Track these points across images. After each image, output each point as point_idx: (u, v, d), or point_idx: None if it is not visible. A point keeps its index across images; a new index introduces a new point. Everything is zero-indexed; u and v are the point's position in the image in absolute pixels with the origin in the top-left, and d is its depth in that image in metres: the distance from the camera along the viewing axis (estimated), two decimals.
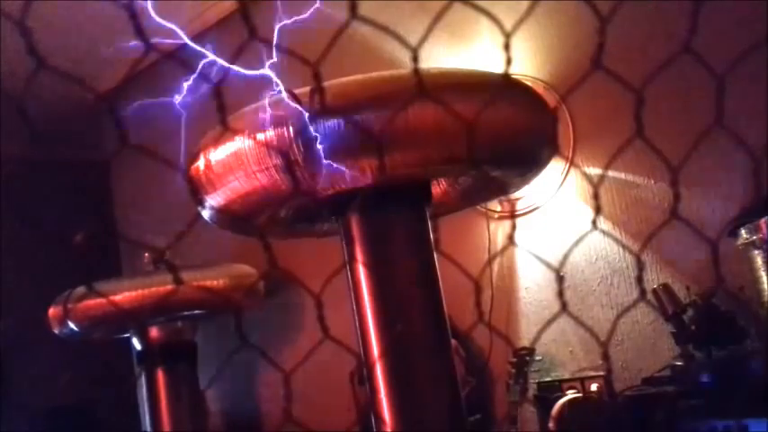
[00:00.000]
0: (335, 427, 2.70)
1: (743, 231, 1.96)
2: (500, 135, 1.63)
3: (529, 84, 2.13)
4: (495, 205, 2.69)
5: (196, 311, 3.11)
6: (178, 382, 3.18)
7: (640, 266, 2.06)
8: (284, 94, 1.57)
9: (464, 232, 2.74)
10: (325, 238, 2.11)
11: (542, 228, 2.58)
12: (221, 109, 0.72)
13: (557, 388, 2.48)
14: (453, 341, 1.94)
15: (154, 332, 3.18)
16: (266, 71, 1.58)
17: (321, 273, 0.92)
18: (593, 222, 2.23)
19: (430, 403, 1.69)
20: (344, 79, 1.59)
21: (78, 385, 3.79)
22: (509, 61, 0.78)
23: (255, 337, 3.29)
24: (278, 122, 1.54)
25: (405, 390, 1.68)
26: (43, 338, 3.28)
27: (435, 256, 1.76)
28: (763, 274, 1.95)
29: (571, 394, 2.42)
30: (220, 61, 1.57)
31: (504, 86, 1.67)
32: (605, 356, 2.47)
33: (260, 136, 1.55)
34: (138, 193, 4.29)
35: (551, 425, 2.32)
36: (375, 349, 1.69)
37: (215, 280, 3.01)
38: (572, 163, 2.51)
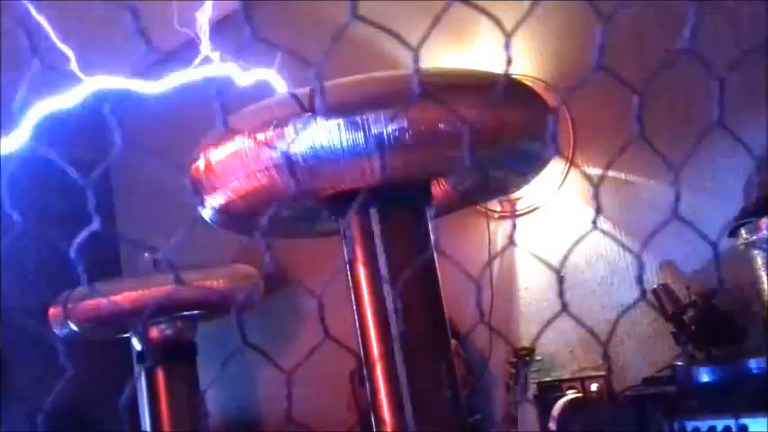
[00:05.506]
0: (335, 427, 2.70)
1: (743, 231, 1.97)
2: (500, 135, 1.63)
3: (529, 84, 2.13)
4: (495, 205, 2.69)
5: (196, 311, 3.11)
6: (178, 382, 3.18)
7: (640, 266, 2.06)
8: (284, 94, 1.57)
9: (464, 232, 2.74)
10: (325, 238, 2.11)
11: (542, 228, 2.58)
12: (222, 109, 0.72)
13: (557, 388, 2.48)
14: (453, 341, 1.94)
15: (154, 332, 3.17)
16: (267, 71, 1.58)
17: (321, 273, 0.92)
18: (594, 222, 2.22)
19: (430, 403, 1.69)
20: (344, 79, 1.59)
21: (78, 385, 3.79)
22: (509, 61, 0.77)
23: (255, 337, 3.28)
24: (278, 122, 1.54)
25: (405, 390, 1.68)
26: (43, 338, 3.28)
27: (435, 256, 1.76)
28: (763, 274, 1.95)
29: (571, 394, 2.42)
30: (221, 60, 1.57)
31: (504, 86, 1.67)
32: (605, 356, 2.47)
33: (260, 136, 1.55)
34: (138, 193, 4.29)
35: (551, 425, 2.32)
36: (375, 349, 1.69)
37: (215, 280, 3.01)
38: (572, 163, 2.51)
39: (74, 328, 3.04)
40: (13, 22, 0.61)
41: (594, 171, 2.50)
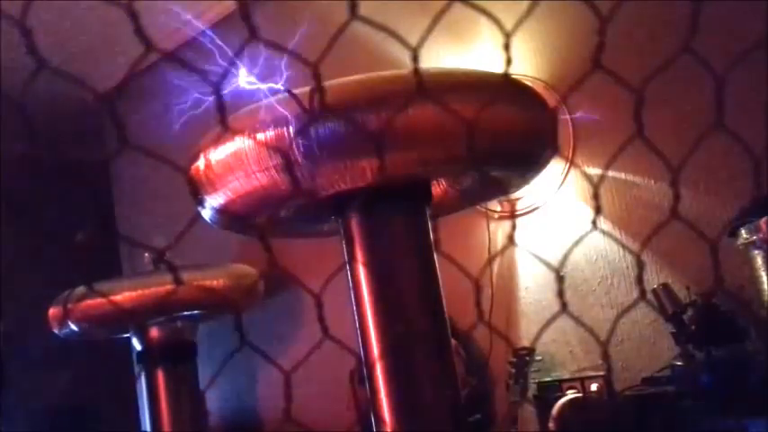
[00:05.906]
0: (335, 427, 2.70)
1: (743, 231, 1.96)
2: (500, 135, 1.63)
3: (529, 84, 2.13)
4: (495, 205, 2.69)
5: (196, 311, 3.11)
6: (178, 382, 3.18)
7: (640, 266, 2.06)
8: (284, 94, 1.57)
9: (464, 232, 2.74)
10: (325, 238, 2.11)
11: (542, 228, 2.58)
12: (221, 109, 0.72)
13: (557, 388, 2.48)
14: (453, 341, 1.94)
15: (154, 332, 3.17)
16: (266, 71, 1.58)
17: (321, 273, 0.92)
18: (593, 222, 2.23)
19: (430, 403, 1.69)
20: (344, 79, 1.59)
21: (78, 385, 3.79)
22: (509, 61, 0.78)
23: (255, 337, 3.28)
24: (278, 122, 1.54)
25: (405, 390, 1.68)
26: (43, 338, 3.28)
27: (435, 256, 1.76)
28: (763, 273, 1.95)
29: (571, 394, 2.42)
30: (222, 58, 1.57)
31: (504, 86, 1.67)
32: (605, 356, 2.47)
33: (260, 136, 1.55)
34: (138, 193, 4.30)
35: (551, 425, 2.32)
36: (375, 349, 1.69)
37: (215, 280, 3.01)
38: (572, 163, 2.51)
39: (74, 328, 3.04)
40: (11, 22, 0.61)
41: (594, 171, 2.50)
